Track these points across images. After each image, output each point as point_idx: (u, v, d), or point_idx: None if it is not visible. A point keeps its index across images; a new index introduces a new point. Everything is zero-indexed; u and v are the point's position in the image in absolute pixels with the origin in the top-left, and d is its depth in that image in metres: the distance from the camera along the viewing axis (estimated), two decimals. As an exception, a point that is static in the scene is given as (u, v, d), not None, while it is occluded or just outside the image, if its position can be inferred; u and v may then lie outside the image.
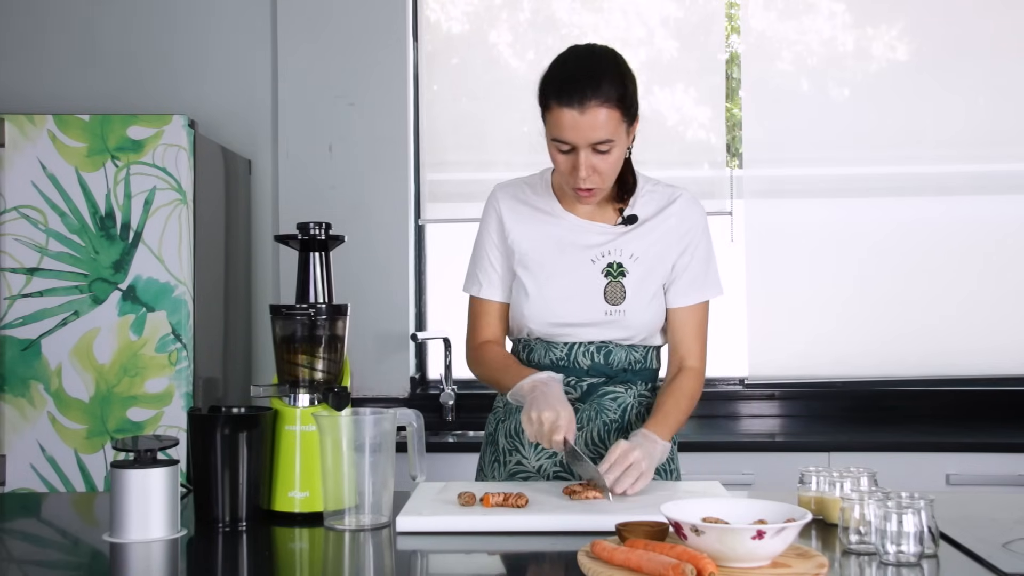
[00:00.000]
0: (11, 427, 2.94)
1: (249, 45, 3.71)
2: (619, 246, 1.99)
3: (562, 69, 1.88)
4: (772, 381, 3.62)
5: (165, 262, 2.98)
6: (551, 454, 2.00)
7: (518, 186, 2.08)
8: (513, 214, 2.04)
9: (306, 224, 1.82)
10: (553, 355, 2.01)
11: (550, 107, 1.86)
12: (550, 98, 1.85)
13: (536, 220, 2.03)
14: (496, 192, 2.08)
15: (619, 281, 1.97)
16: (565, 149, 1.86)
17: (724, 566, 1.32)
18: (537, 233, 2.02)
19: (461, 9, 3.79)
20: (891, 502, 1.40)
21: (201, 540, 1.64)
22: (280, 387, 1.79)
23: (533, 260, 2.01)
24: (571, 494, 1.75)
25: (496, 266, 2.06)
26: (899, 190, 3.64)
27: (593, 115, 1.82)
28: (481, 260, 2.08)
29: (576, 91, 1.82)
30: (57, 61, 3.70)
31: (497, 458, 2.07)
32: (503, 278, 2.06)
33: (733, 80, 3.75)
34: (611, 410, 2.01)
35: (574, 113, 1.82)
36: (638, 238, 2.00)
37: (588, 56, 1.91)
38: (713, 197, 3.66)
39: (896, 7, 3.66)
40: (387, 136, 3.70)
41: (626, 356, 2.01)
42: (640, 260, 1.99)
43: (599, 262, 1.98)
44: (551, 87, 1.86)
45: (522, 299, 2.01)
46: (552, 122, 1.86)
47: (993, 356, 3.57)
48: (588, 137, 1.83)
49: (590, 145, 1.84)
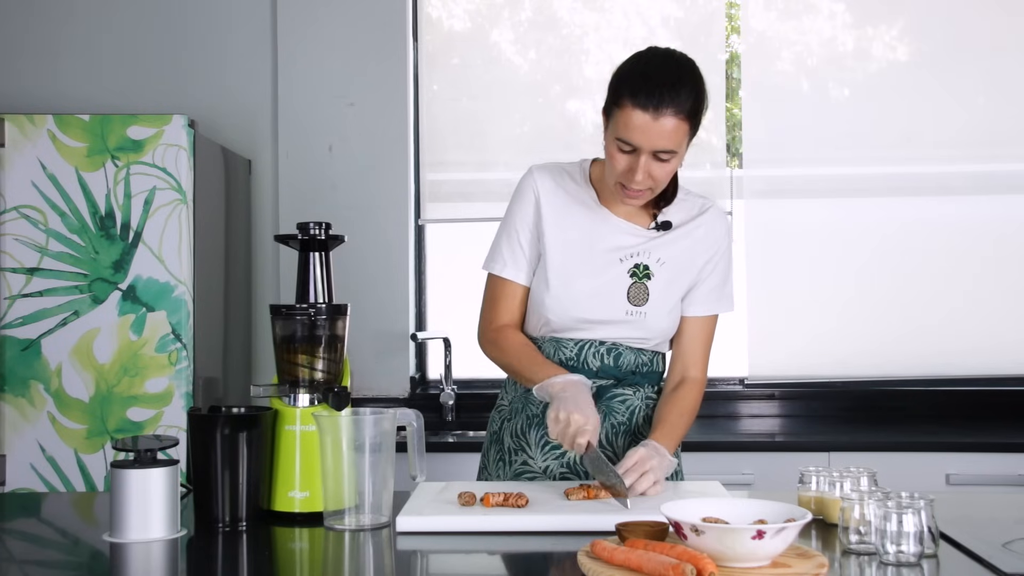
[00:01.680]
0: (11, 427, 2.95)
1: (249, 45, 3.71)
2: (648, 249, 1.98)
3: (644, 68, 1.84)
4: (772, 381, 3.62)
5: (165, 262, 2.98)
6: (558, 455, 2.00)
7: (558, 172, 2.03)
8: (552, 198, 2.00)
9: (306, 224, 1.82)
10: (563, 354, 1.99)
11: (622, 104, 1.81)
12: (624, 96, 1.81)
13: (573, 211, 2.00)
14: (535, 172, 2.03)
15: (643, 283, 1.97)
16: (627, 150, 1.83)
17: (724, 566, 1.32)
18: (571, 224, 1.99)
19: (462, 7, 3.79)
20: (891, 502, 1.40)
21: (201, 540, 1.63)
22: (280, 387, 1.79)
23: (562, 251, 1.98)
24: (569, 494, 1.75)
25: (525, 247, 2.01)
26: (899, 190, 3.64)
27: (665, 123, 1.80)
28: (511, 239, 2.02)
29: (655, 95, 1.79)
30: (57, 61, 3.70)
31: (502, 457, 2.06)
32: (530, 261, 2.02)
33: (733, 80, 3.75)
34: (620, 412, 2.00)
35: (647, 117, 1.79)
36: (668, 244, 1.99)
37: (671, 61, 1.87)
38: (713, 197, 3.66)
39: (896, 7, 3.66)
40: (387, 136, 3.70)
41: (635, 359, 2.01)
42: (667, 265, 1.98)
43: (627, 262, 1.98)
44: (628, 84, 1.82)
45: (543, 290, 1.98)
46: (621, 121, 1.82)
47: (993, 356, 3.57)
48: (655, 144, 1.81)
49: (653, 151, 1.82)
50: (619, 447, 2.00)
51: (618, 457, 1.96)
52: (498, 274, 2.04)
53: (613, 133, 1.85)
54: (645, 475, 1.77)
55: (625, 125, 1.81)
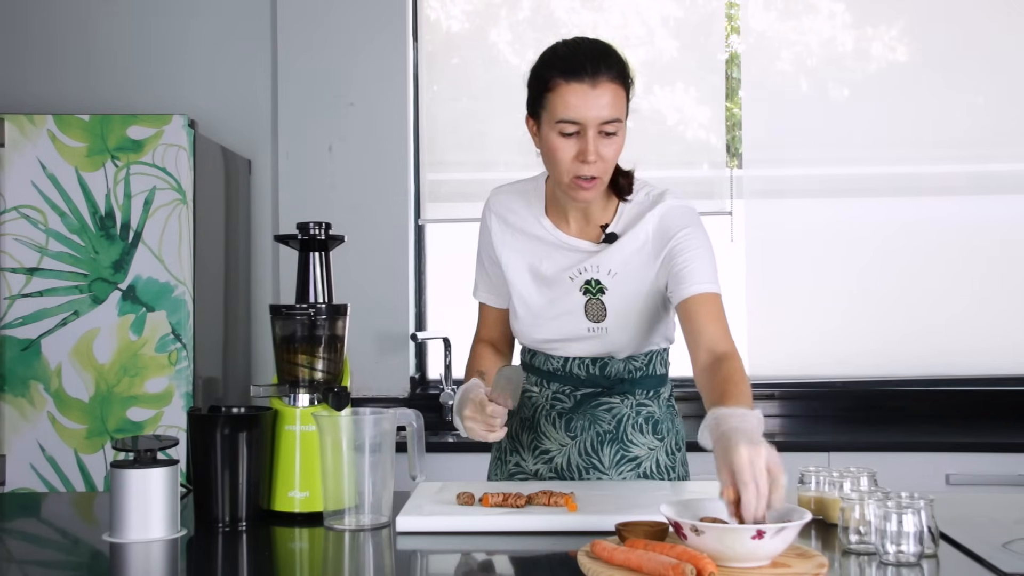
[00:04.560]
0: (11, 427, 2.94)
1: (249, 45, 3.71)
2: (595, 263, 1.91)
3: (565, 50, 1.81)
4: (772, 381, 3.62)
5: (165, 262, 2.98)
6: (547, 460, 2.00)
7: (511, 194, 2.02)
8: (501, 225, 2.01)
9: (306, 224, 1.82)
10: (551, 365, 2.00)
11: (555, 86, 1.77)
12: (556, 77, 1.77)
13: (523, 235, 1.99)
14: (490, 200, 2.04)
15: (598, 299, 1.91)
16: (570, 131, 1.77)
17: (724, 566, 1.32)
18: (524, 249, 1.98)
19: (461, 8, 3.79)
20: (891, 502, 1.40)
21: (201, 540, 1.63)
22: (280, 387, 1.79)
23: (519, 277, 1.98)
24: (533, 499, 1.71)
25: (489, 273, 2.07)
26: (899, 190, 3.64)
27: (604, 90, 1.75)
28: (480, 264, 2.09)
29: (587, 65, 1.75)
30: (57, 61, 3.70)
31: (499, 457, 2.08)
32: (496, 285, 2.06)
33: (733, 80, 3.75)
34: (605, 420, 1.98)
35: (585, 87, 1.75)
36: (614, 252, 1.90)
37: (586, 39, 1.84)
38: (713, 197, 3.66)
39: (896, 7, 3.66)
40: (387, 136, 3.70)
41: (624, 367, 1.97)
42: (619, 276, 1.90)
43: (577, 280, 1.92)
44: (557, 67, 1.78)
45: (512, 316, 2.02)
46: (559, 103, 1.77)
47: (993, 356, 3.57)
48: (599, 114, 1.75)
49: (599, 125, 1.77)
50: (605, 456, 1.97)
51: (603, 465, 1.95)
52: (476, 298, 2.12)
53: (551, 122, 1.78)
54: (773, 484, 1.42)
55: (564, 104, 1.76)
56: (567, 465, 1.98)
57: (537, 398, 2.01)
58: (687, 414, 2.16)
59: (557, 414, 1.99)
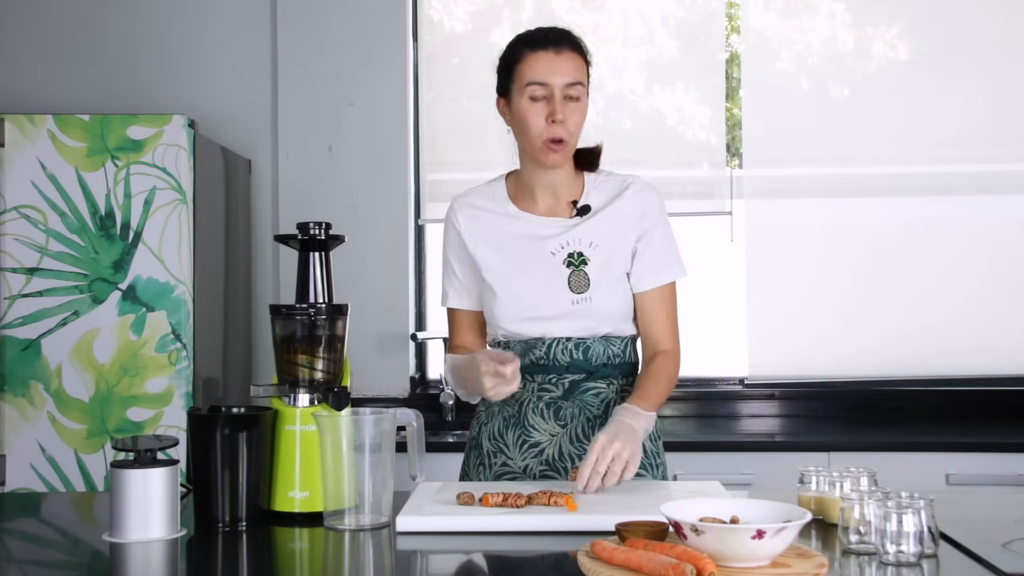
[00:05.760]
0: (11, 427, 2.95)
1: (249, 45, 3.71)
2: (577, 235, 2.02)
3: (532, 32, 2.02)
4: (772, 381, 3.62)
5: (165, 262, 2.98)
6: (537, 454, 2.01)
7: (474, 195, 2.12)
8: (471, 221, 2.08)
9: (306, 224, 1.83)
10: (533, 355, 2.02)
11: (523, 57, 1.97)
12: (524, 50, 1.97)
13: (495, 224, 2.07)
14: (453, 205, 2.13)
15: (582, 270, 2.00)
16: (540, 94, 1.94)
17: (724, 566, 1.32)
18: (499, 235, 2.06)
19: (463, 8, 3.79)
20: (891, 502, 1.40)
21: (201, 540, 1.64)
22: (280, 387, 1.79)
23: (496, 261, 2.04)
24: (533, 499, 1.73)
25: (459, 275, 2.10)
26: (899, 190, 3.65)
27: (567, 58, 1.96)
28: (447, 271, 2.13)
29: (552, 39, 1.98)
30: (57, 61, 3.70)
31: (482, 461, 2.09)
32: (466, 287, 2.10)
33: (733, 80, 3.75)
34: (594, 406, 2.02)
35: (550, 54, 1.96)
36: (594, 226, 2.03)
37: (549, 27, 2.04)
38: (713, 197, 3.66)
39: (896, 7, 3.66)
40: (387, 136, 3.70)
41: (604, 350, 2.02)
42: (600, 247, 2.01)
43: (559, 253, 2.01)
44: (525, 42, 1.99)
45: (491, 300, 2.04)
46: (526, 69, 1.96)
47: (993, 356, 3.57)
48: (565, 76, 1.95)
49: (564, 88, 1.94)
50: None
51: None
52: (445, 306, 2.15)
53: (521, 88, 1.96)
54: (613, 463, 1.76)
55: (532, 69, 1.96)
56: (559, 455, 2.00)
57: (521, 393, 2.03)
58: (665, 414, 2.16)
59: (545, 404, 2.02)
